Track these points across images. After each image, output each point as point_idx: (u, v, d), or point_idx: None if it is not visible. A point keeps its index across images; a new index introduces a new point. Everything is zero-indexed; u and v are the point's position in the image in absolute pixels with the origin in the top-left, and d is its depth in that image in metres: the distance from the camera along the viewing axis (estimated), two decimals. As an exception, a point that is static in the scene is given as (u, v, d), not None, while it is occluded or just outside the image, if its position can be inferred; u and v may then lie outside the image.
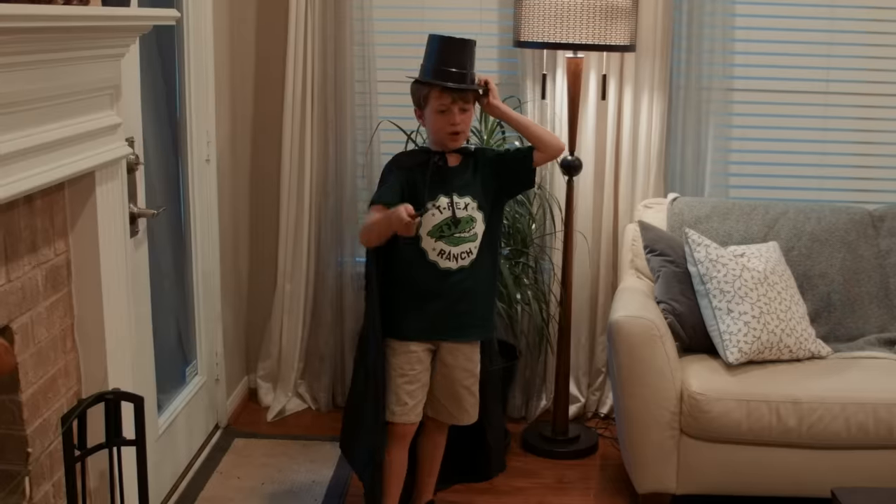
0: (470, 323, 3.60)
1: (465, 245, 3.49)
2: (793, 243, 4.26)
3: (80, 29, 2.55)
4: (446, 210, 3.46)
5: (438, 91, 3.41)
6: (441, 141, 3.49)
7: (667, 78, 4.56)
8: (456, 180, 3.50)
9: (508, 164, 3.59)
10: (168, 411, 3.96)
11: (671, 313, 3.92)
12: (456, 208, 3.46)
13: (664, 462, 3.73)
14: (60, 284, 2.88)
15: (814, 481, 3.67)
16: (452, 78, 3.41)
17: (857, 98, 4.73)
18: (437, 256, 3.47)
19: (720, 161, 4.64)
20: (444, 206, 3.46)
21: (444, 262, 3.48)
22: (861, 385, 3.74)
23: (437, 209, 3.46)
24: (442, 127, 3.45)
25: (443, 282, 3.49)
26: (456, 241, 3.47)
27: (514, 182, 3.65)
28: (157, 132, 3.84)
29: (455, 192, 3.48)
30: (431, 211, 3.44)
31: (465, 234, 3.48)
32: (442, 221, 3.46)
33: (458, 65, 3.43)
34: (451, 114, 3.43)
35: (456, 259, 3.48)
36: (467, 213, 3.48)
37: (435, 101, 3.42)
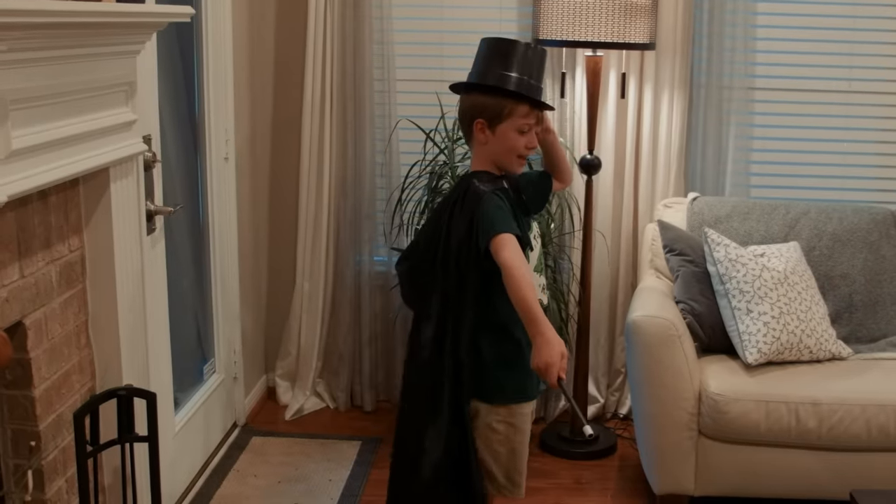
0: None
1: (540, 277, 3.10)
2: (814, 243, 4.23)
3: (94, 25, 2.55)
4: (538, 238, 3.10)
5: (527, 108, 2.90)
6: (506, 164, 2.96)
7: (687, 76, 4.53)
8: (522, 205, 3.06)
9: (533, 189, 3.12)
10: (185, 409, 3.97)
11: (690, 313, 3.89)
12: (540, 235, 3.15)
13: (682, 463, 3.71)
14: (75, 281, 2.89)
15: (833, 484, 3.63)
16: (535, 93, 2.91)
17: (879, 97, 4.68)
18: (541, 293, 2.99)
19: (741, 160, 4.61)
20: (536, 233, 3.10)
21: (544, 299, 3.05)
22: (882, 387, 3.70)
23: (535, 238, 3.06)
24: (517, 148, 2.91)
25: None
26: (542, 270, 3.14)
27: (535, 206, 3.19)
28: (176, 130, 3.85)
29: (529, 218, 3.08)
30: (533, 243, 3.02)
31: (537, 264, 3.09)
32: (540, 252, 3.11)
33: (538, 78, 2.94)
34: (531, 135, 2.93)
35: (543, 290, 3.09)
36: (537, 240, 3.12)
37: (520, 118, 2.89)
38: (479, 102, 2.93)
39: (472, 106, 2.95)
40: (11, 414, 2.67)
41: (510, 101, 2.88)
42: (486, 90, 2.91)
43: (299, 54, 4.58)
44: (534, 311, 2.66)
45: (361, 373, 4.81)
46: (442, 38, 4.67)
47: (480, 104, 2.92)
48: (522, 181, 3.08)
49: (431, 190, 4.35)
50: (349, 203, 4.66)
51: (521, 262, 2.73)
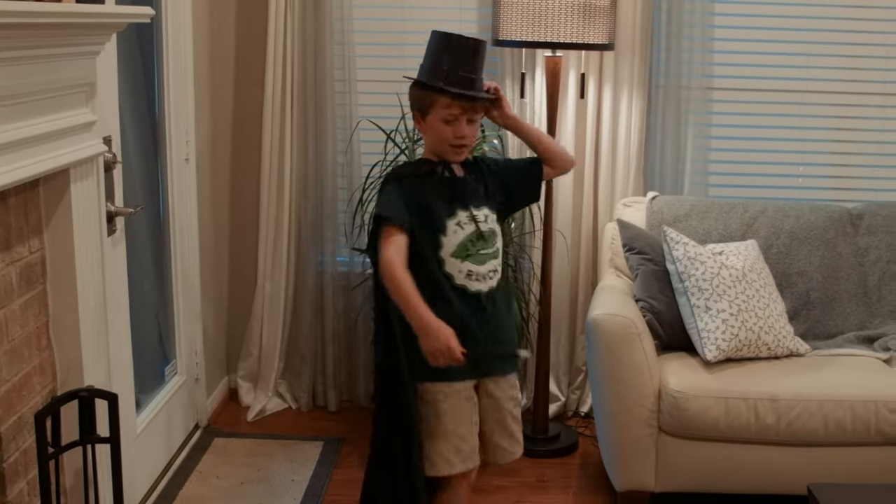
0: (508, 353, 3.23)
1: (491, 262, 3.10)
2: (771, 241, 4.27)
3: (54, 25, 2.55)
4: (468, 224, 3.06)
5: (448, 99, 3.00)
6: (443, 153, 3.09)
7: (646, 77, 4.56)
8: (468, 192, 3.11)
9: (518, 177, 3.24)
10: (147, 410, 3.95)
11: (650, 311, 3.93)
12: (478, 221, 3.08)
13: (643, 460, 3.73)
14: (35, 282, 2.88)
15: (791, 478, 3.67)
16: (463, 85, 3.00)
17: (835, 97, 4.74)
18: (465, 279, 3.04)
19: (699, 160, 4.65)
20: (464, 220, 3.06)
21: (474, 285, 3.05)
22: (839, 382, 3.75)
23: (458, 225, 3.05)
24: (446, 138, 3.04)
25: (475, 308, 3.05)
26: (483, 259, 3.07)
27: (522, 195, 3.32)
28: (136, 131, 3.83)
29: (472, 204, 3.09)
30: (452, 228, 3.04)
31: (490, 251, 3.09)
32: (466, 238, 3.05)
33: (470, 69, 3.03)
34: (459, 125, 3.02)
35: (484, 279, 3.07)
36: (489, 227, 3.11)
37: (442, 109, 3.01)
38: (412, 95, 3.13)
39: (410, 99, 3.16)
40: (-28, 416, 2.66)
41: (431, 93, 3.02)
42: (419, 85, 3.09)
43: (260, 54, 4.57)
44: (408, 301, 2.87)
45: (324, 373, 4.81)
46: (403, 39, 4.68)
47: (413, 97, 3.13)
48: (494, 168, 3.21)
49: (392, 190, 4.36)
50: (310, 203, 4.66)
51: (395, 255, 2.92)
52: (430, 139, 3.12)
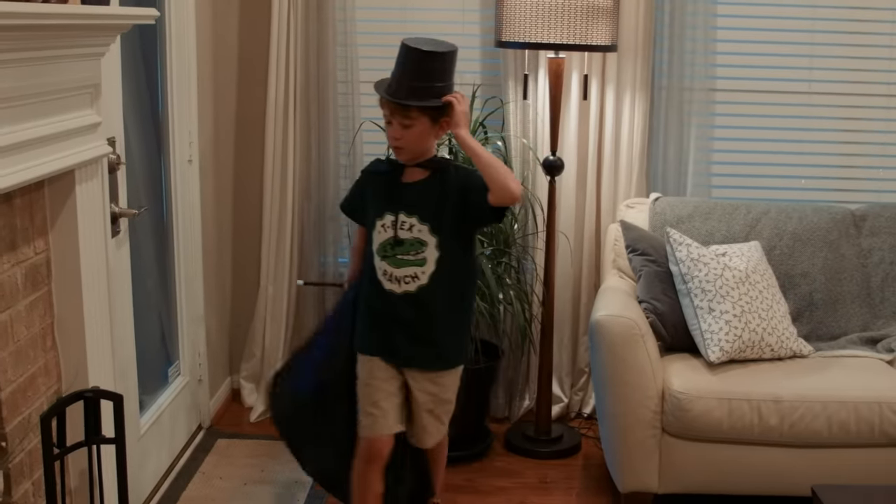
0: (417, 352, 3.31)
1: (410, 269, 3.22)
2: (774, 243, 4.28)
3: (58, 27, 2.55)
4: (389, 229, 3.23)
5: (381, 103, 3.21)
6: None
7: (649, 78, 4.57)
8: (409, 197, 3.23)
9: (472, 195, 3.20)
10: (150, 411, 3.95)
11: (653, 312, 3.93)
12: (399, 228, 3.22)
13: (646, 461, 3.73)
14: (40, 283, 2.88)
15: (795, 480, 3.67)
16: (399, 91, 3.13)
17: (838, 98, 4.74)
18: (381, 276, 3.26)
19: (702, 161, 4.65)
20: (388, 224, 3.24)
21: (388, 284, 3.25)
22: (842, 384, 3.75)
23: (383, 227, 3.25)
24: (389, 139, 3.25)
25: (386, 304, 3.27)
26: (398, 263, 3.23)
27: (475, 215, 3.26)
28: (139, 132, 3.84)
29: (403, 210, 3.21)
30: (378, 228, 3.26)
31: (409, 257, 3.22)
32: (385, 240, 3.24)
33: (414, 76, 3.11)
34: (391, 127, 3.19)
35: (399, 282, 3.24)
36: (412, 235, 3.21)
37: (382, 110, 3.22)
38: None
39: None
40: (-23, 417, 2.66)
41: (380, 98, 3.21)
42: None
43: (263, 56, 4.57)
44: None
45: (326, 374, 4.80)
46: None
47: None
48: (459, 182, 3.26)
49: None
50: (313, 205, 4.66)
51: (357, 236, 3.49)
52: None
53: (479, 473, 4.26)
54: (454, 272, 3.27)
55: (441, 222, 3.21)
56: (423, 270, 3.22)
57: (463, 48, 4.57)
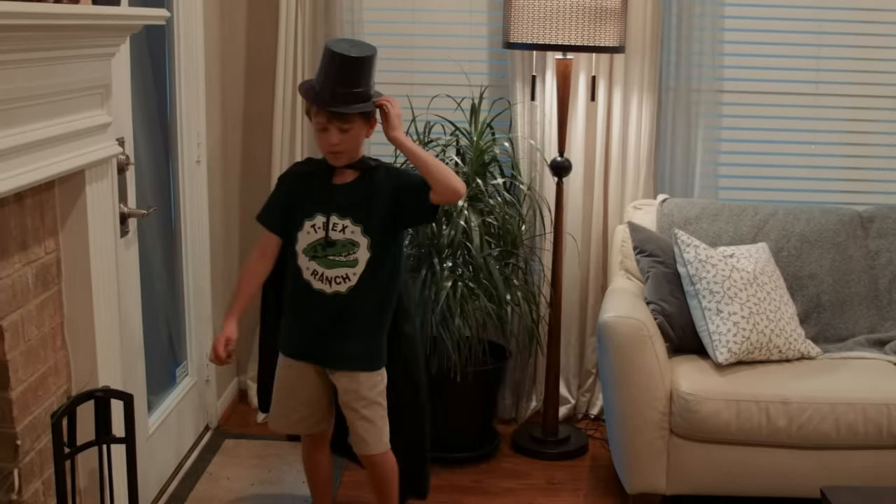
0: (343, 352, 3.33)
1: (341, 269, 3.26)
2: (782, 244, 4.28)
3: (70, 27, 2.56)
4: (320, 230, 3.25)
5: (315, 109, 3.20)
6: (326, 156, 3.28)
7: (656, 79, 4.57)
8: (341, 199, 3.26)
9: (407, 195, 3.27)
10: (158, 412, 3.96)
11: (661, 314, 3.93)
12: (331, 229, 3.25)
13: (654, 462, 3.74)
14: (50, 283, 2.89)
15: (803, 481, 3.67)
16: (324, 97, 3.15)
17: (846, 100, 4.74)
18: (310, 276, 3.28)
19: (709, 162, 4.65)
20: (318, 225, 3.26)
21: (317, 284, 3.28)
22: (850, 385, 3.75)
23: (313, 228, 3.26)
24: (321, 146, 3.25)
25: (315, 304, 3.30)
26: (330, 264, 3.26)
27: (411, 215, 3.35)
28: (147, 133, 3.84)
29: (335, 211, 3.24)
30: (306, 228, 3.27)
31: (341, 258, 3.25)
32: (315, 241, 3.26)
33: (343, 82, 3.13)
34: (328, 133, 3.18)
35: (330, 283, 3.27)
36: (344, 237, 3.25)
37: (314, 117, 3.21)
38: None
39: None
40: (-12, 416, 2.67)
41: (307, 103, 3.24)
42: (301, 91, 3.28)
43: (270, 57, 4.57)
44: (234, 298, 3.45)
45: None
46: (412, 42, 4.69)
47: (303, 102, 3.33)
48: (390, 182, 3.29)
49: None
50: (321, 206, 4.66)
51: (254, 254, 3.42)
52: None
53: (486, 474, 4.26)
54: (383, 273, 3.31)
55: (373, 223, 3.26)
56: (355, 271, 3.26)
57: (470, 49, 4.62)
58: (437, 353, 4.11)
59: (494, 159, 4.46)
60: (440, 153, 4.38)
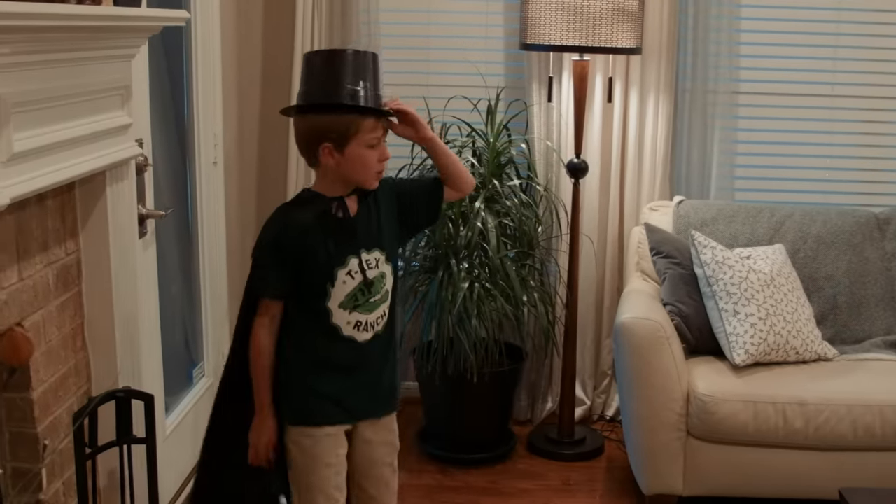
0: (389, 394, 2.95)
1: (380, 308, 2.83)
2: (799, 246, 4.27)
3: (92, 28, 2.57)
4: (357, 275, 2.77)
5: (374, 120, 2.68)
6: (362, 182, 2.75)
7: (672, 81, 4.57)
8: (361, 231, 2.79)
9: (416, 199, 2.90)
10: (175, 412, 3.96)
11: (678, 315, 3.93)
12: (367, 268, 2.78)
13: (671, 463, 3.74)
14: (71, 284, 2.90)
15: (820, 483, 3.67)
16: (377, 101, 2.70)
17: (862, 101, 4.74)
18: (353, 330, 2.79)
19: (726, 164, 4.65)
20: (354, 270, 2.77)
21: (361, 335, 2.80)
22: (867, 387, 3.75)
23: (349, 275, 2.76)
24: (371, 165, 2.71)
25: (359, 356, 2.83)
26: (371, 308, 2.81)
27: (419, 219, 2.98)
28: (164, 134, 3.85)
29: (363, 248, 2.78)
30: (342, 279, 2.76)
31: (379, 297, 2.82)
32: (355, 289, 2.77)
33: (377, 85, 2.72)
34: (382, 147, 2.73)
35: (372, 327, 2.82)
36: (378, 271, 2.81)
37: (369, 133, 2.67)
38: (319, 125, 2.69)
39: (312, 129, 2.71)
40: (10, 416, 2.67)
41: (355, 117, 2.65)
42: (323, 109, 2.68)
43: (287, 57, 4.58)
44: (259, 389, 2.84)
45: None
46: (428, 43, 4.71)
47: (322, 126, 2.68)
48: (407, 188, 2.94)
49: (420, 193, 4.37)
50: (336, 206, 4.66)
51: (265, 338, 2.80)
52: (345, 170, 2.71)
53: (502, 475, 4.26)
54: (396, 294, 2.94)
55: (391, 245, 2.87)
56: (388, 304, 2.87)
57: (487, 51, 4.63)
58: (453, 354, 4.12)
59: (511, 161, 4.46)
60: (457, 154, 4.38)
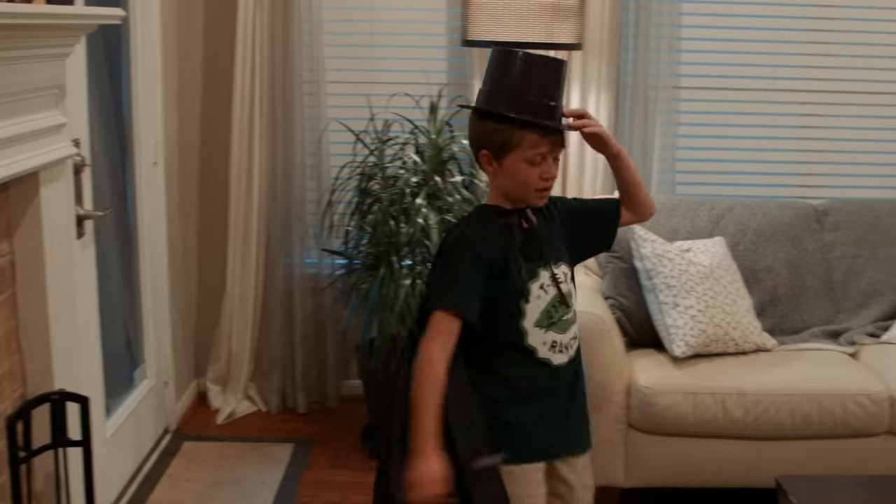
0: (584, 428, 2.74)
1: (573, 328, 2.62)
2: (738, 238, 4.31)
3: (24, 27, 2.53)
4: (551, 287, 2.55)
5: (538, 135, 2.45)
6: (524, 198, 2.55)
7: (614, 76, 4.59)
8: (545, 245, 2.58)
9: (595, 220, 2.68)
10: (116, 415, 3.93)
11: (619, 308, 3.95)
12: (559, 282, 2.57)
13: (612, 456, 3.75)
14: (4, 286, 2.86)
15: (760, 472, 3.69)
16: (550, 116, 2.46)
17: (802, 95, 4.80)
18: (549, 352, 2.55)
19: (667, 158, 4.68)
20: (547, 282, 2.55)
21: (557, 358, 2.57)
22: (805, 376, 3.79)
23: (542, 289, 2.54)
24: (531, 181, 2.48)
25: (557, 382, 2.60)
26: (565, 327, 2.58)
27: (595, 243, 2.76)
28: (104, 134, 3.82)
29: (551, 261, 2.57)
30: (536, 293, 2.54)
31: (570, 315, 2.61)
32: (549, 304, 2.55)
33: (553, 97, 2.48)
34: (546, 164, 2.48)
35: (567, 349, 2.59)
36: (568, 286, 2.61)
37: (530, 149, 2.45)
38: (482, 130, 2.52)
39: (476, 134, 2.56)
40: (-58, 420, 2.65)
41: (517, 129, 2.45)
42: (489, 115, 2.49)
43: (228, 56, 4.55)
44: (425, 417, 2.39)
45: (294, 375, 4.80)
46: (371, 41, 4.70)
47: (484, 133, 2.51)
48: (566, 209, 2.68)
49: (361, 191, 4.37)
50: (279, 206, 4.65)
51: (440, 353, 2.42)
52: (504, 183, 2.53)
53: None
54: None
55: (571, 262, 2.67)
56: (576, 325, 2.64)
57: (430, 48, 4.61)
58: (396, 352, 4.11)
59: (453, 157, 4.46)
60: (399, 151, 4.39)
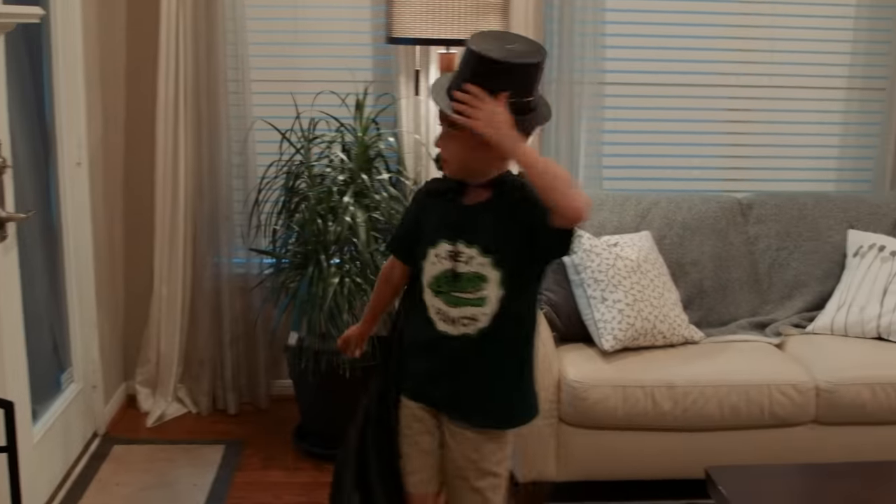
0: (470, 405, 2.76)
1: (467, 309, 2.66)
2: (665, 232, 4.35)
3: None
4: (445, 260, 2.67)
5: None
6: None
7: (539, 72, 4.61)
8: (470, 223, 2.65)
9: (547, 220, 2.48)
10: (43, 419, 3.88)
11: (547, 303, 3.98)
12: (457, 260, 2.66)
13: (544, 450, 3.77)
14: (-77, 290, 2.81)
15: (690, 463, 3.69)
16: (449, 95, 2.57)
17: (726, 90, 4.87)
18: (434, 315, 2.71)
19: (593, 154, 4.71)
20: (443, 254, 2.67)
21: (441, 325, 2.70)
22: (733, 368, 3.85)
23: (437, 257, 2.68)
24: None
25: (439, 345, 2.72)
26: (454, 302, 2.67)
27: (549, 246, 2.60)
28: (26, 135, 3.76)
29: (463, 238, 2.64)
30: (431, 259, 2.70)
31: (468, 296, 2.65)
32: (440, 273, 2.68)
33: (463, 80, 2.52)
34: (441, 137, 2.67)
35: (454, 323, 2.68)
36: (470, 269, 2.64)
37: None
38: None
39: None
40: None
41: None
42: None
43: (152, 55, 4.50)
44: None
45: (223, 376, 4.76)
46: (295, 38, 4.67)
47: None
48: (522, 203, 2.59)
49: (288, 190, 4.34)
50: (206, 205, 4.61)
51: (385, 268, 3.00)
52: None
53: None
54: (520, 317, 2.73)
55: (505, 254, 2.64)
56: (484, 311, 2.66)
57: (355, 45, 4.59)
58: (325, 351, 4.10)
59: (380, 154, 4.45)
60: (325, 149, 4.37)
